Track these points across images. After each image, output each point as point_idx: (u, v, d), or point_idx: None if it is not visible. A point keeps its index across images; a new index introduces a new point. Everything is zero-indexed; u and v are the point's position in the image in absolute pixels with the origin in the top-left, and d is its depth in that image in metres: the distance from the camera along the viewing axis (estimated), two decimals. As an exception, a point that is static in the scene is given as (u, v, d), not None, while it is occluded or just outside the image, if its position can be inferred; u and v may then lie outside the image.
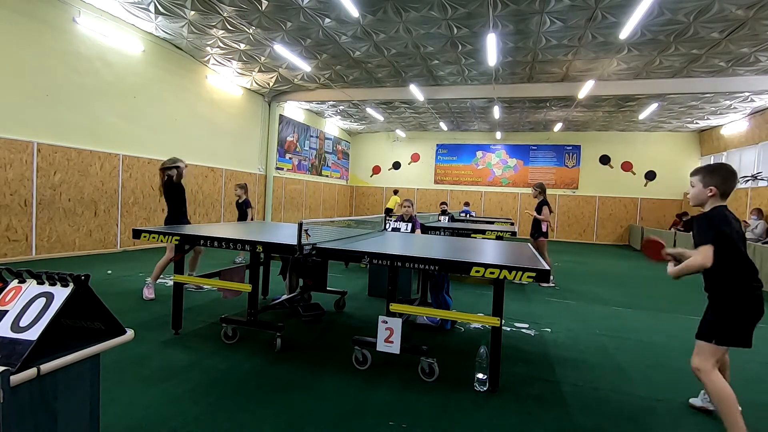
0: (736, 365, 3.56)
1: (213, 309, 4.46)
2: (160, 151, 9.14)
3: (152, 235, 3.54)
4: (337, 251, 2.99)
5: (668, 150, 15.72)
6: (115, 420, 2.22)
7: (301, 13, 7.28)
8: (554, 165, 17.03)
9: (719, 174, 2.39)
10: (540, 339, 4.01)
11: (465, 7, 6.84)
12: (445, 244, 3.79)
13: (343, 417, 2.38)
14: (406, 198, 6.28)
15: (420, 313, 3.33)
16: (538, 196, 6.84)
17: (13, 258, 6.52)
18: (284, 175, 14.14)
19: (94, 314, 1.50)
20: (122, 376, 2.75)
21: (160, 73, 9.03)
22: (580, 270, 8.73)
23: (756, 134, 11.91)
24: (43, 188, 6.89)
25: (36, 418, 1.26)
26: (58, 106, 7.06)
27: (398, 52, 8.96)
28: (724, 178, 2.37)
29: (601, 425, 2.43)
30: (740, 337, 2.27)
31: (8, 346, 1.24)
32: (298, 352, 3.36)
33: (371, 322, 4.12)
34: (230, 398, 2.53)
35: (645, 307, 5.55)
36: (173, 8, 7.41)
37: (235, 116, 11.74)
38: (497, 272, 2.53)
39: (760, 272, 7.23)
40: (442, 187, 18.38)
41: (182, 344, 3.40)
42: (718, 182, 2.37)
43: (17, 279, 1.46)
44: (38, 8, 6.67)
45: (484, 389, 2.79)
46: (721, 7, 6.39)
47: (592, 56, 8.61)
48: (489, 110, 13.79)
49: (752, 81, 9.17)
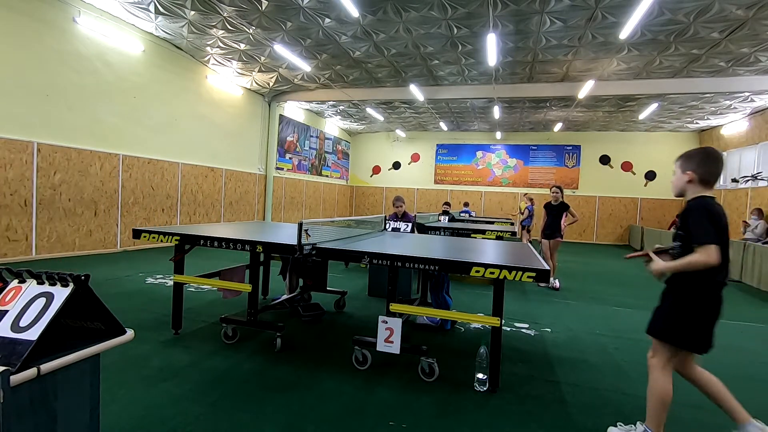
0: (736, 365, 3.57)
1: (213, 309, 4.46)
2: (160, 151, 9.15)
3: (152, 235, 3.54)
4: (337, 251, 2.99)
5: (668, 150, 15.72)
6: (115, 420, 2.22)
7: (301, 13, 7.28)
8: (554, 165, 17.03)
9: (696, 157, 2.15)
10: (540, 339, 4.01)
11: (465, 7, 6.84)
12: (445, 244, 3.79)
13: (343, 417, 2.38)
14: (396, 196, 6.28)
15: (420, 313, 3.32)
16: (559, 199, 6.81)
17: (13, 258, 6.52)
18: (284, 175, 14.14)
19: (94, 314, 1.50)
20: (122, 376, 2.75)
21: (160, 73, 9.03)
22: (580, 270, 8.73)
23: (756, 134, 11.91)
24: (43, 188, 6.89)
25: (36, 418, 1.26)
26: (58, 106, 7.06)
27: (398, 52, 8.96)
28: (702, 161, 2.13)
29: (601, 425, 2.43)
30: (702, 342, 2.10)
31: (8, 346, 1.24)
32: (298, 352, 3.36)
33: (371, 322, 4.12)
34: (230, 398, 2.53)
35: (645, 307, 5.54)
36: (173, 8, 7.41)
37: (235, 116, 11.75)
38: (497, 272, 2.53)
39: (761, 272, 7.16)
40: (442, 187, 18.38)
41: (182, 344, 3.40)
42: (694, 166, 2.13)
43: (17, 279, 1.45)
44: (38, 8, 6.66)
45: (484, 389, 2.79)
46: (721, 7, 6.39)
47: (592, 56, 8.61)
48: (489, 110, 13.79)
49: (752, 81, 9.17)
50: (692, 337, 2.10)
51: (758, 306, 6.08)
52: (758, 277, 7.50)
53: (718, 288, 2.06)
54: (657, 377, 2.14)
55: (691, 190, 2.16)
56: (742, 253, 8.16)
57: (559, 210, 6.74)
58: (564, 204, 6.75)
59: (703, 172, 2.12)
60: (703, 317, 2.08)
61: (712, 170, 2.12)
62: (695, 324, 2.08)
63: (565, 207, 6.73)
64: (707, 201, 2.07)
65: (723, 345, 4.11)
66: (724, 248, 2.01)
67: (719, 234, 1.98)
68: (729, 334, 4.50)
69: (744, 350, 3.98)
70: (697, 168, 2.13)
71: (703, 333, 2.09)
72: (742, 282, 8.01)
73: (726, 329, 4.72)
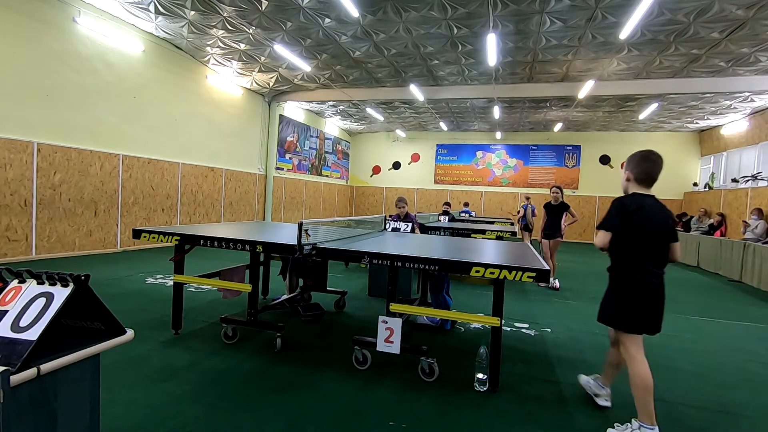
0: (735, 365, 3.57)
1: (213, 309, 4.46)
2: (160, 151, 9.15)
3: (152, 235, 3.54)
4: (337, 251, 2.99)
5: (668, 150, 15.69)
6: (115, 420, 2.22)
7: (301, 13, 7.28)
8: (554, 165, 17.03)
9: (633, 159, 2.43)
10: (540, 339, 4.01)
11: (465, 7, 6.83)
12: (445, 244, 3.79)
13: (343, 417, 2.38)
14: (399, 197, 6.28)
15: (420, 313, 3.33)
16: (559, 199, 6.83)
17: (13, 258, 6.52)
18: (284, 175, 14.14)
19: (94, 314, 1.50)
20: (122, 376, 2.75)
21: (160, 73, 9.03)
22: (580, 270, 8.73)
23: (756, 134, 11.90)
24: (43, 188, 6.89)
25: (36, 418, 1.26)
26: (58, 106, 7.06)
27: (398, 52, 8.96)
28: (637, 163, 2.39)
29: (601, 425, 2.43)
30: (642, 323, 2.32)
31: (8, 346, 1.24)
32: (298, 352, 3.36)
33: (371, 322, 4.12)
34: (230, 398, 2.53)
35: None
36: (173, 8, 7.41)
37: (235, 116, 11.74)
38: (497, 272, 2.53)
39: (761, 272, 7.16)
40: (442, 187, 18.38)
41: (182, 344, 3.40)
42: (631, 168, 2.42)
43: (17, 279, 1.46)
44: (38, 8, 6.66)
45: (484, 389, 2.79)
46: (721, 7, 6.39)
47: (592, 56, 8.61)
48: (489, 110, 13.79)
49: (752, 81, 9.17)
50: (631, 319, 2.32)
51: (758, 306, 6.08)
52: (758, 277, 7.50)
53: (649, 274, 2.30)
54: (633, 368, 2.31)
55: (630, 188, 2.43)
56: (742, 253, 8.16)
57: (559, 210, 6.75)
58: (564, 204, 6.76)
59: (638, 173, 2.39)
60: (637, 300, 2.31)
61: (647, 170, 2.37)
62: (631, 307, 2.31)
63: (565, 207, 6.74)
64: (626, 197, 2.38)
65: (723, 345, 4.12)
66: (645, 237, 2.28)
67: (630, 225, 2.28)
68: (729, 334, 4.50)
69: (744, 350, 3.98)
70: (633, 169, 2.41)
71: (641, 315, 2.31)
72: (742, 282, 8.01)
73: (726, 329, 4.72)
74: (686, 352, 3.83)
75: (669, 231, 2.34)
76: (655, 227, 2.30)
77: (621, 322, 2.35)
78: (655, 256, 2.31)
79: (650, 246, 2.30)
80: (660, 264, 2.33)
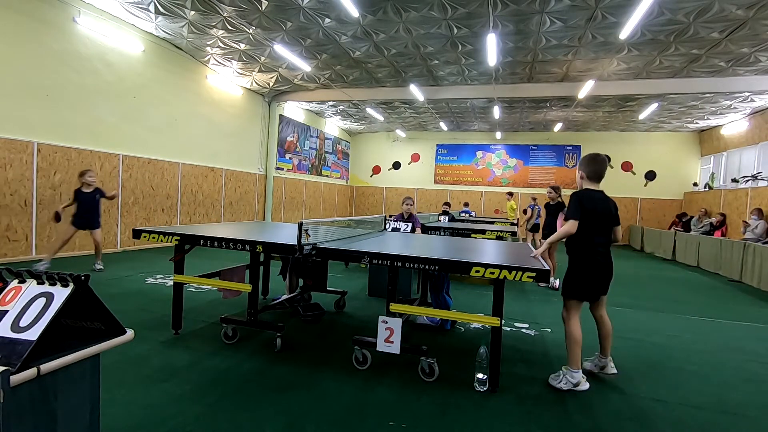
0: (735, 365, 3.57)
1: (213, 309, 4.46)
2: (160, 151, 9.15)
3: (152, 235, 3.54)
4: (337, 251, 2.99)
5: (668, 150, 15.71)
6: (115, 420, 2.22)
7: (301, 13, 7.28)
8: (554, 165, 17.03)
9: (584, 161, 3.04)
10: (540, 339, 4.01)
11: (465, 7, 6.83)
12: (445, 244, 3.79)
13: (343, 417, 2.38)
14: (406, 196, 6.28)
15: (420, 313, 3.33)
16: (555, 199, 6.84)
17: (13, 258, 6.52)
18: (284, 175, 14.14)
19: (94, 314, 1.50)
20: (122, 376, 2.75)
21: (160, 73, 9.02)
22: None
23: (756, 134, 11.90)
24: (43, 188, 6.89)
25: (36, 418, 1.26)
26: (58, 106, 7.06)
27: (398, 52, 8.96)
28: (587, 163, 3.01)
29: (601, 425, 2.43)
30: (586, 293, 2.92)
31: (8, 346, 1.24)
32: (298, 352, 3.36)
33: (371, 322, 4.12)
34: (230, 398, 2.53)
35: (645, 307, 5.55)
36: (173, 8, 7.41)
37: (235, 116, 11.74)
38: (497, 272, 2.53)
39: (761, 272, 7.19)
40: (442, 187, 18.38)
41: (182, 344, 3.40)
42: (583, 167, 3.03)
43: (17, 279, 1.46)
44: (38, 8, 6.66)
45: (484, 389, 2.79)
46: (721, 7, 6.39)
47: (592, 56, 8.61)
48: (489, 110, 13.79)
49: (752, 81, 9.17)
50: (580, 289, 2.92)
51: (758, 306, 6.08)
52: (758, 277, 7.49)
53: (596, 251, 2.90)
54: (569, 326, 2.93)
55: (584, 184, 3.03)
56: (742, 252, 8.15)
57: (556, 210, 6.77)
58: (561, 203, 6.77)
59: (588, 171, 3.00)
60: (589, 273, 2.90)
61: (595, 170, 2.99)
62: (584, 279, 2.91)
63: (561, 206, 6.75)
64: (583, 192, 2.95)
65: (723, 345, 4.11)
66: (595, 222, 2.88)
67: (584, 214, 2.84)
68: (729, 334, 4.50)
69: (744, 350, 3.97)
70: (585, 168, 3.02)
71: (590, 285, 2.92)
72: (742, 282, 8.00)
73: (726, 329, 4.72)
74: (686, 352, 3.83)
75: (613, 217, 2.97)
76: (603, 214, 2.91)
77: (571, 290, 2.93)
78: (602, 237, 2.93)
79: (599, 229, 2.91)
80: (606, 243, 2.96)
